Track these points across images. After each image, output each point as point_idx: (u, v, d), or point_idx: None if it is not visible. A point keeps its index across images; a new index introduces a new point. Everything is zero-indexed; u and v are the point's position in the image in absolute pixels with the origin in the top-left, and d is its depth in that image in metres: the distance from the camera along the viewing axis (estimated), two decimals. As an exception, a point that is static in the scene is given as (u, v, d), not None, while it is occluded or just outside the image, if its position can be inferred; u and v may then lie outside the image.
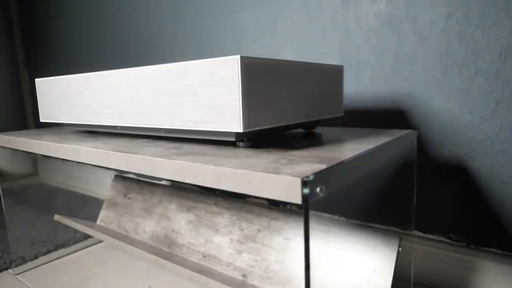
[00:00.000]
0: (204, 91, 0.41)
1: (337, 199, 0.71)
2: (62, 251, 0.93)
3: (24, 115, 1.87)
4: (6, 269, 0.85)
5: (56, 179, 1.72)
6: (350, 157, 0.36)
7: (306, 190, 0.29)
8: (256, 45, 0.86)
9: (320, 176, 0.30)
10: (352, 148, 0.42)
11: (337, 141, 0.48)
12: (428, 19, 0.62)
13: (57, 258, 0.90)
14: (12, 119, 1.99)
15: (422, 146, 0.66)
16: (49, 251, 0.93)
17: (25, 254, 0.89)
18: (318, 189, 0.30)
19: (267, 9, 0.82)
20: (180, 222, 0.79)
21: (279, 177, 0.30)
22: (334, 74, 0.54)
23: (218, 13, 0.92)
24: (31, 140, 0.61)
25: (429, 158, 0.66)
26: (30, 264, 0.86)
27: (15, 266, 0.84)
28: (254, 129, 0.39)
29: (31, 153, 0.71)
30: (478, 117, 0.61)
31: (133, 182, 0.95)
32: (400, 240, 0.52)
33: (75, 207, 1.29)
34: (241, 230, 0.69)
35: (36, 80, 0.69)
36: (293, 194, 0.30)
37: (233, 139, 0.43)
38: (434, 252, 0.67)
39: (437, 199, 0.66)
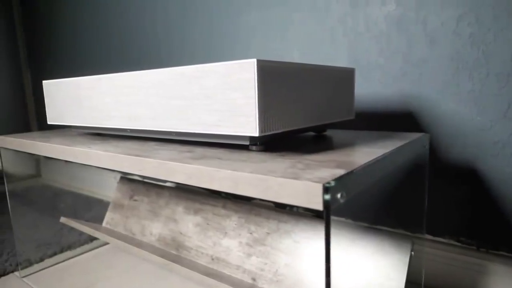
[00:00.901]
0: (219, 95, 0.40)
1: (348, 202, 0.71)
2: (68, 253, 0.93)
3: (27, 116, 1.87)
4: (12, 271, 0.84)
5: (59, 180, 1.72)
6: (367, 162, 0.36)
7: (328, 196, 0.29)
8: (265, 47, 0.85)
9: (340, 182, 0.30)
10: (367, 152, 0.41)
11: (350, 144, 0.48)
12: (439, 21, 0.62)
13: (63, 261, 0.89)
14: (14, 120, 1.99)
15: (432, 149, 0.66)
16: (55, 253, 0.92)
17: (31, 256, 0.89)
18: (339, 195, 0.30)
19: (276, 11, 0.82)
20: (188, 224, 0.78)
21: (299, 182, 0.30)
22: (346, 76, 0.54)
23: (226, 15, 0.92)
24: (40, 143, 0.61)
25: (438, 161, 0.65)
26: (36, 267, 0.86)
27: (21, 269, 0.84)
28: (269, 133, 0.39)
29: (34, 154, 0.70)
30: (489, 119, 0.60)
31: (139, 184, 0.94)
32: (413, 244, 0.52)
33: (79, 208, 1.28)
34: (250, 233, 0.68)
35: (44, 82, 0.69)
36: (314, 200, 0.29)
37: (247, 143, 0.43)
38: (444, 255, 0.67)
39: (446, 202, 0.66)
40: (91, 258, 0.92)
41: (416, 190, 0.57)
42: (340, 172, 0.32)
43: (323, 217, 0.60)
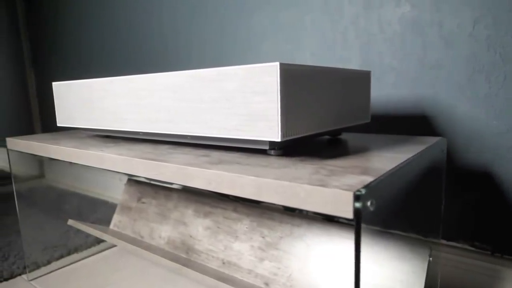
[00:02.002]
0: (238, 98, 0.40)
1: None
2: (75, 256, 0.92)
3: (30, 117, 1.86)
4: (20, 274, 0.84)
5: (63, 181, 1.71)
6: (393, 168, 0.35)
7: (359, 205, 0.28)
8: (276, 49, 0.85)
9: (370, 190, 0.29)
10: (390, 158, 0.40)
11: (369, 149, 0.47)
12: (455, 23, 0.61)
13: (71, 263, 0.89)
14: (18, 120, 1.98)
15: (447, 153, 0.65)
16: (62, 256, 0.91)
17: (38, 259, 0.88)
18: (368, 203, 0.29)
19: (287, 13, 0.81)
20: (198, 228, 0.78)
21: (328, 190, 0.29)
22: (362, 79, 0.53)
23: (236, 17, 0.91)
24: (51, 146, 0.60)
25: (453, 165, 0.65)
26: (43, 270, 0.85)
27: (29, 272, 0.83)
28: (290, 138, 0.38)
29: (37, 155, 0.70)
30: (506, 123, 0.59)
31: (147, 186, 0.94)
32: (431, 249, 0.51)
33: (84, 210, 1.28)
34: (262, 237, 0.67)
35: (54, 83, 0.68)
36: (344, 208, 0.28)
37: (265, 147, 0.42)
38: (458, 260, 0.66)
39: (460, 206, 0.65)
40: (99, 261, 0.91)
41: (433, 195, 0.56)
42: (368, 179, 0.31)
43: (335, 220, 0.60)
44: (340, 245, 0.58)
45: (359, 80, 0.52)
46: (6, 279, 0.81)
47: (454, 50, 0.62)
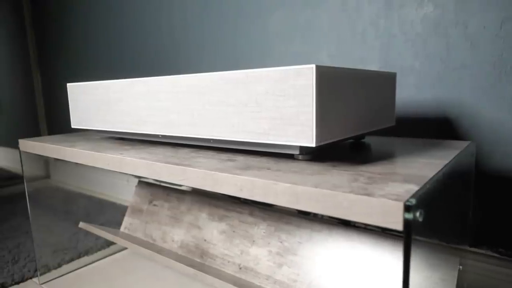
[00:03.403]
0: (269, 102, 0.38)
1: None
2: (85, 259, 0.91)
3: (36, 117, 1.85)
4: (31, 277, 0.82)
5: (69, 182, 1.70)
6: (435, 175, 0.34)
7: (410, 216, 0.26)
8: (292, 49, 0.83)
9: (419, 199, 0.28)
10: (426, 163, 0.39)
11: (399, 153, 0.46)
12: (480, 24, 0.60)
13: (82, 267, 0.87)
14: (24, 121, 1.97)
15: (470, 156, 0.64)
16: (72, 259, 0.90)
17: (48, 262, 0.87)
18: (418, 213, 0.27)
19: (304, 12, 0.80)
20: (212, 231, 0.76)
21: (376, 200, 0.28)
22: (388, 81, 0.52)
23: (249, 16, 0.89)
24: (67, 148, 0.59)
25: (478, 169, 0.63)
26: (54, 273, 0.84)
27: (40, 275, 0.82)
28: (324, 143, 0.37)
29: (43, 155, 0.68)
30: (533, 127, 0.58)
31: (158, 189, 0.92)
32: (460, 258, 0.49)
33: (92, 212, 1.26)
34: (280, 242, 0.66)
35: (68, 84, 0.67)
36: (392, 219, 0.27)
37: (296, 152, 0.41)
38: (481, 267, 0.64)
39: (485, 212, 0.63)
40: (110, 264, 0.89)
41: (462, 201, 0.54)
42: (413, 187, 0.30)
43: (356, 226, 0.58)
44: (362, 251, 0.57)
45: (386, 83, 0.51)
46: (17, 283, 0.80)
47: (479, 51, 0.61)
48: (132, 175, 1.34)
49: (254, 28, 0.89)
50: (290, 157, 0.45)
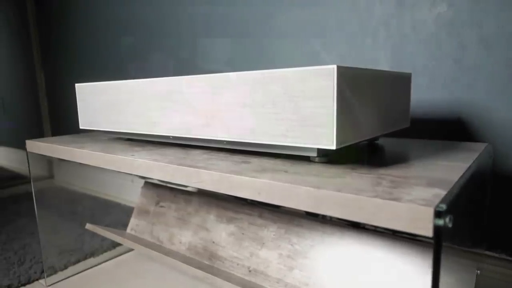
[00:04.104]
0: (287, 103, 0.37)
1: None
2: (91, 261, 0.90)
3: (40, 118, 1.84)
4: (37, 279, 0.81)
5: (73, 182, 1.69)
6: (460, 178, 0.33)
7: (440, 222, 0.25)
8: (301, 48, 0.82)
9: (449, 204, 0.27)
10: (448, 166, 0.38)
11: (417, 156, 0.45)
12: (496, 24, 0.59)
13: (88, 268, 0.87)
14: (27, 121, 1.96)
15: (484, 158, 0.63)
16: (78, 260, 0.89)
17: (54, 263, 0.86)
18: (447, 219, 0.26)
19: (314, 11, 0.79)
20: (221, 233, 0.75)
21: (404, 205, 0.27)
22: (404, 82, 0.51)
23: (258, 15, 0.89)
24: (77, 149, 0.58)
25: (493, 171, 0.62)
26: (60, 274, 0.83)
27: (47, 277, 0.81)
28: (344, 145, 0.36)
29: (46, 155, 0.68)
30: (550, 128, 0.57)
31: (165, 190, 0.92)
32: (478, 262, 0.48)
33: (97, 212, 1.26)
34: (291, 245, 0.65)
35: (77, 85, 0.66)
36: (421, 225, 0.26)
37: (314, 154, 0.40)
38: (495, 270, 0.63)
39: (499, 215, 0.62)
40: (116, 266, 0.89)
41: (479, 204, 0.53)
42: (440, 192, 0.29)
43: (369, 229, 0.57)
44: (376, 255, 0.56)
45: (401, 83, 0.50)
46: (23, 285, 0.79)
47: (494, 51, 0.60)
48: (138, 175, 1.33)
49: (264, 27, 0.88)
50: (306, 159, 0.44)
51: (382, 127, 0.45)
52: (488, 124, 0.62)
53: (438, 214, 0.25)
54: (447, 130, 0.66)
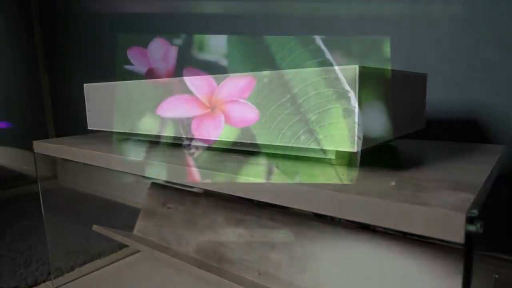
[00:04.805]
0: (306, 103, 0.36)
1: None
2: (98, 262, 0.90)
3: (44, 118, 1.84)
4: (44, 281, 0.81)
5: (76, 183, 1.68)
6: (485, 182, 0.32)
7: (472, 228, 0.25)
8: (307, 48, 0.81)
9: (480, 210, 0.26)
10: (471, 169, 0.37)
11: (436, 158, 0.44)
12: (512, 23, 0.58)
13: (95, 270, 0.86)
14: (31, 121, 1.96)
15: (499, 160, 0.62)
16: (85, 262, 0.89)
17: (61, 265, 0.85)
18: (479, 225, 0.26)
19: (320, 7, 0.78)
20: (229, 236, 0.75)
21: (433, 210, 0.26)
22: (420, 83, 0.50)
23: (263, 17, 0.88)
24: (86, 151, 0.58)
25: (510, 174, 0.61)
26: (67, 276, 0.83)
27: (54, 278, 0.80)
28: (365, 147, 0.35)
29: (50, 155, 0.68)
30: None
31: (172, 191, 0.91)
32: (496, 266, 0.48)
33: (102, 213, 1.25)
34: (302, 247, 0.64)
35: (85, 85, 0.65)
36: (452, 231, 0.25)
37: (332, 156, 0.39)
38: (507, 274, 0.62)
39: (509, 217, 0.62)
40: (124, 268, 0.88)
41: (496, 206, 0.53)
42: (468, 196, 0.28)
43: (382, 231, 0.56)
44: (389, 258, 0.55)
45: (418, 84, 0.49)
46: (30, 287, 0.78)
47: (511, 51, 0.59)
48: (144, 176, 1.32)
49: (266, 30, 0.87)
50: (322, 161, 0.43)
51: (400, 128, 0.44)
52: (505, 126, 0.61)
53: (470, 220, 0.25)
54: (461, 131, 0.65)
